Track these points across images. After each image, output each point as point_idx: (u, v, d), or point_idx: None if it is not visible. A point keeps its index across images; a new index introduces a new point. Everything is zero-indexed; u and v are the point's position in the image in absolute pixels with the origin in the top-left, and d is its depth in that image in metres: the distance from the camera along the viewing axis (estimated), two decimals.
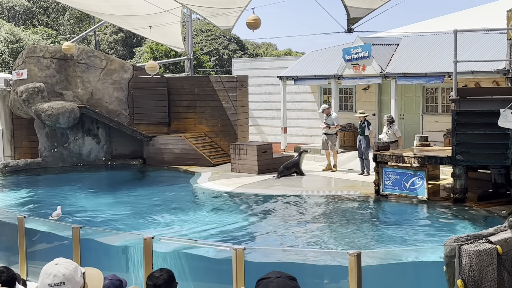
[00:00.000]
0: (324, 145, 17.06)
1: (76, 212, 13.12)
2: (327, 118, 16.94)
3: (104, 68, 20.36)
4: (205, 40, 46.45)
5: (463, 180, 11.68)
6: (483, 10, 20.37)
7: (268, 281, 2.77)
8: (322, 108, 17.16)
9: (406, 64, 17.79)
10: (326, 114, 16.97)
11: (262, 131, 23.48)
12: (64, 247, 9.69)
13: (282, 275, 2.80)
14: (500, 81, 15.76)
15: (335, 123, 17.03)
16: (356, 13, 15.57)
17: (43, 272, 3.02)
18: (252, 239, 10.93)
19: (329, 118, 16.93)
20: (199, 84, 20.61)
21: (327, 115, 16.95)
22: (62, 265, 3.02)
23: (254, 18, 14.58)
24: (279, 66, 22.44)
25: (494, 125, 9.11)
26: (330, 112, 17.14)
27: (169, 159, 19.36)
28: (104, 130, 20.30)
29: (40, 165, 19.35)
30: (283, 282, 2.75)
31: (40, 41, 38.77)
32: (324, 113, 17.03)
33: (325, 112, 17.00)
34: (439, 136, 17.41)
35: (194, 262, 8.93)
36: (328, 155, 17.12)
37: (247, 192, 14.58)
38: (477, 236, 8.01)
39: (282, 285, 2.74)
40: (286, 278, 2.78)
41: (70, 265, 3.04)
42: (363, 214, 12.58)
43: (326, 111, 17.00)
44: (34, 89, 19.02)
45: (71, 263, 3.06)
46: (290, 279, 2.80)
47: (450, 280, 7.66)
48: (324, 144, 17.04)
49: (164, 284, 4.19)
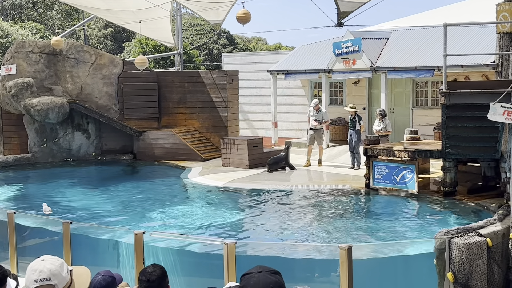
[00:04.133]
0: (311, 140, 16.95)
1: (66, 207, 13.08)
2: (317, 114, 16.83)
3: (94, 63, 20.26)
4: (195, 34, 46.32)
5: (453, 174, 11.73)
6: (472, 4, 20.42)
7: (250, 276, 2.80)
8: (314, 103, 16.98)
9: (396, 58, 17.82)
10: (316, 110, 16.86)
11: (253, 125, 23.47)
12: (54, 242, 9.66)
13: (264, 270, 2.83)
14: (489, 74, 15.82)
15: (325, 118, 17.01)
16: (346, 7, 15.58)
17: (29, 268, 3.01)
18: (243, 234, 10.94)
19: (320, 113, 16.83)
20: (189, 78, 20.56)
21: (317, 110, 16.86)
22: (48, 261, 3.01)
23: (244, 12, 14.55)
24: (269, 60, 22.41)
25: (483, 118, 9.14)
26: (320, 107, 17.08)
27: (160, 154, 19.32)
28: (94, 125, 20.22)
29: (30, 161, 19.26)
30: (264, 277, 2.78)
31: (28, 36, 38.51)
32: (314, 109, 16.90)
33: (316, 108, 16.90)
34: (429, 130, 17.47)
35: (185, 257, 8.93)
36: (310, 151, 16.99)
37: (238, 187, 14.59)
38: (467, 229, 8.06)
39: (262, 279, 2.77)
40: (267, 273, 2.81)
41: (56, 261, 3.03)
42: (353, 208, 12.62)
43: (316, 107, 16.89)
44: (23, 84, 18.90)
45: (57, 260, 3.05)
46: (272, 273, 2.83)
47: (441, 273, 7.70)
48: (311, 139, 16.94)
49: (157, 280, 4.18)
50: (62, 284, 3.00)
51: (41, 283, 2.95)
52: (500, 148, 10.79)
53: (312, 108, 16.93)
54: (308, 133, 17.00)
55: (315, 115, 16.81)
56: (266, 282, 2.76)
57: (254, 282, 2.76)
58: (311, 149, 16.95)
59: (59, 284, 2.99)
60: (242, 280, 2.83)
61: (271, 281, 2.77)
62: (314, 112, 16.83)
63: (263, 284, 2.75)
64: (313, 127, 16.80)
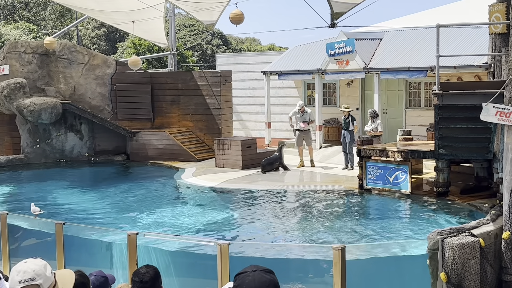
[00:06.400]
0: (299, 141, 16.92)
1: (59, 208, 13.04)
2: (303, 115, 16.75)
3: (87, 63, 20.22)
4: (189, 35, 46.27)
5: (445, 174, 11.76)
6: (465, 5, 20.49)
7: (244, 275, 2.79)
8: (300, 106, 16.87)
9: (389, 59, 17.86)
10: (302, 112, 16.81)
11: (246, 126, 23.47)
12: (47, 243, 9.62)
13: (258, 269, 2.82)
14: (482, 75, 15.87)
15: (311, 118, 16.99)
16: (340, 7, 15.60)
17: (13, 270, 3.00)
18: (237, 234, 10.93)
19: (305, 114, 16.75)
20: (182, 79, 20.54)
21: (302, 112, 16.80)
22: (31, 262, 3.01)
23: (238, 13, 14.55)
24: (262, 61, 22.41)
25: (476, 119, 9.16)
26: (305, 109, 17.00)
27: (153, 155, 19.28)
28: (87, 125, 20.17)
29: (23, 161, 19.18)
30: (258, 275, 2.78)
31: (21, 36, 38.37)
32: (300, 111, 16.82)
33: (301, 110, 16.83)
34: (422, 131, 17.52)
35: (178, 257, 8.91)
36: (301, 152, 16.97)
37: (231, 187, 14.58)
38: (459, 230, 8.07)
39: (257, 278, 2.77)
40: (262, 272, 2.81)
41: (40, 262, 3.04)
42: (347, 208, 12.63)
43: (302, 109, 16.81)
44: (15, 85, 18.84)
45: (41, 261, 3.06)
46: (267, 272, 2.82)
47: (434, 273, 7.71)
48: (299, 140, 16.90)
49: (150, 281, 4.18)
50: (47, 284, 3.00)
51: (26, 284, 2.95)
52: (492, 148, 10.83)
53: (297, 111, 16.82)
54: (296, 134, 16.94)
55: (301, 116, 16.73)
56: (261, 281, 2.76)
57: (249, 281, 2.75)
58: (301, 150, 16.94)
59: (44, 284, 2.98)
60: (236, 279, 2.82)
61: (266, 279, 2.77)
62: (299, 114, 16.75)
63: (258, 283, 2.75)
64: (301, 129, 16.74)
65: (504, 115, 8.23)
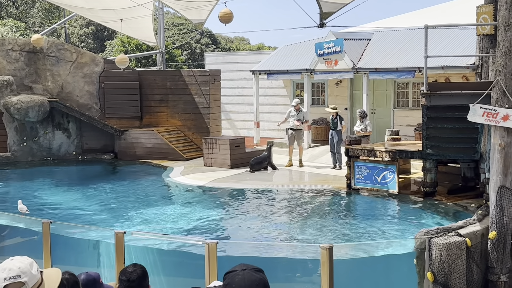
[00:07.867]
0: (291, 140, 16.93)
1: (46, 207, 12.97)
2: (298, 114, 16.81)
3: (75, 61, 20.11)
4: (177, 33, 46.16)
5: (433, 174, 11.81)
6: (453, 6, 20.62)
7: (234, 273, 2.78)
8: (296, 103, 16.96)
9: (377, 59, 17.93)
10: (297, 110, 16.85)
11: (235, 125, 23.46)
12: (34, 242, 9.57)
13: (248, 267, 2.81)
14: (469, 76, 15.97)
15: (306, 118, 17.03)
16: (329, 7, 15.65)
17: None
18: (225, 234, 10.93)
19: (300, 113, 16.82)
20: (171, 78, 20.49)
21: (298, 110, 16.84)
22: (17, 260, 3.00)
23: (227, 12, 14.56)
24: (251, 60, 22.41)
25: (463, 119, 9.22)
26: (300, 107, 17.07)
27: (141, 154, 19.22)
28: (75, 124, 20.07)
29: (9, 160, 19.05)
30: (248, 274, 2.76)
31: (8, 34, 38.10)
32: (295, 108, 16.87)
33: (296, 107, 16.90)
34: (410, 131, 17.60)
35: (166, 256, 8.90)
36: (291, 151, 16.97)
37: (220, 186, 14.57)
38: (446, 229, 8.12)
39: (247, 277, 2.75)
40: (252, 270, 2.79)
41: (26, 260, 3.02)
42: (335, 208, 12.66)
43: (297, 106, 16.87)
44: (2, 82, 18.72)
45: (27, 259, 3.04)
46: (256, 270, 2.81)
47: (420, 273, 7.76)
48: (291, 140, 16.93)
49: (137, 280, 4.16)
50: (32, 282, 2.98)
51: (11, 281, 2.93)
52: (479, 149, 10.90)
53: (293, 108, 16.90)
54: (288, 133, 16.94)
55: (296, 115, 16.78)
56: (251, 280, 2.74)
57: (239, 279, 2.74)
58: (292, 149, 16.93)
59: (29, 282, 2.96)
60: (225, 278, 2.80)
61: (255, 278, 2.76)
62: (294, 112, 16.80)
63: (248, 282, 2.73)
64: (294, 127, 16.76)
65: (491, 115, 8.29)
